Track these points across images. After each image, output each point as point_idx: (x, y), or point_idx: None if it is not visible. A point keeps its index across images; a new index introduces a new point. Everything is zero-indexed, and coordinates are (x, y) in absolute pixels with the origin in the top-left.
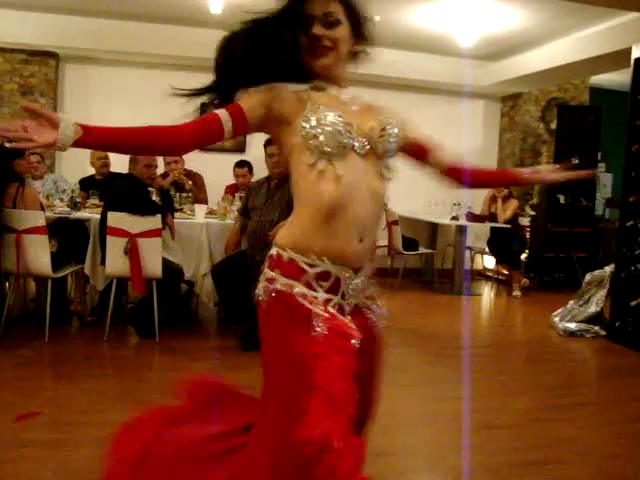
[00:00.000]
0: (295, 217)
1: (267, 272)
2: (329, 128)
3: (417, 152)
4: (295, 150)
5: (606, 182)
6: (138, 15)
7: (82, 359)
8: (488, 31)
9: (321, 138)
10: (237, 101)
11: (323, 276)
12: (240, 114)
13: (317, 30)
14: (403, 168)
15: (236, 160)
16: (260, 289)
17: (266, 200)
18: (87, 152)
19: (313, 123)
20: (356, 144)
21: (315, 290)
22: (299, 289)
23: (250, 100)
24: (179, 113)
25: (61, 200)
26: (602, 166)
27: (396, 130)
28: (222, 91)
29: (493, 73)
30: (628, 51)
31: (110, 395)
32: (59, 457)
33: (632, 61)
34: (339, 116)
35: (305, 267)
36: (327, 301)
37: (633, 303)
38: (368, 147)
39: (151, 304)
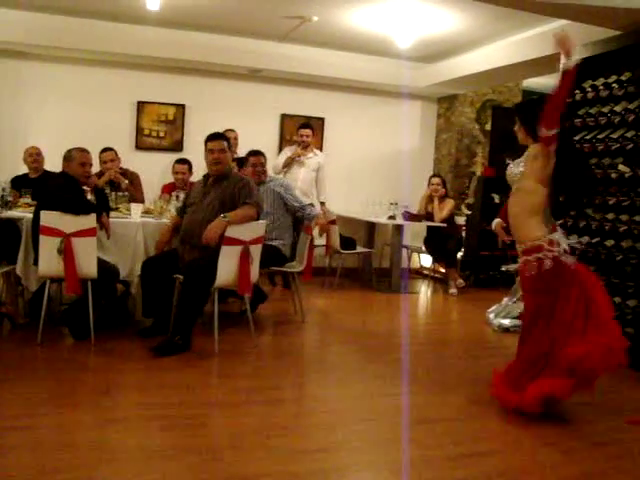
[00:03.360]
0: None
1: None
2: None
3: None
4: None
5: None
6: (73, 10)
7: (14, 362)
8: (425, 33)
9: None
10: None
11: None
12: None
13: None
14: (340, 167)
15: (173, 159)
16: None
17: (200, 198)
18: (19, 150)
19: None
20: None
21: None
22: None
23: None
24: (112, 111)
25: None
26: None
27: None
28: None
29: (430, 75)
30: (557, 56)
31: (44, 398)
32: None
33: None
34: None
35: None
36: None
37: None
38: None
39: (86, 305)
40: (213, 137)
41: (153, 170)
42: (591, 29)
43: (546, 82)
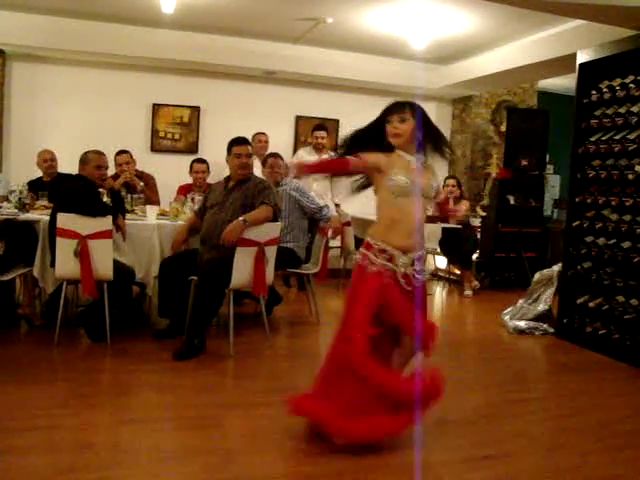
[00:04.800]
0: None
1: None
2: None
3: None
4: (382, 189)
5: (554, 183)
6: (88, 13)
7: (31, 363)
8: (440, 34)
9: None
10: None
11: (382, 252)
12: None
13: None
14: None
15: (188, 161)
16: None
17: (221, 200)
18: (35, 153)
19: (394, 178)
20: (415, 191)
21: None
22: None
23: (370, 157)
24: (128, 114)
25: (8, 201)
26: (550, 168)
27: (435, 186)
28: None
29: (444, 76)
30: (573, 56)
31: (60, 399)
32: (5, 464)
33: (577, 66)
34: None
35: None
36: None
37: (580, 301)
38: (419, 192)
39: (102, 306)
40: (239, 142)
41: (168, 172)
42: (607, 29)
43: (561, 83)
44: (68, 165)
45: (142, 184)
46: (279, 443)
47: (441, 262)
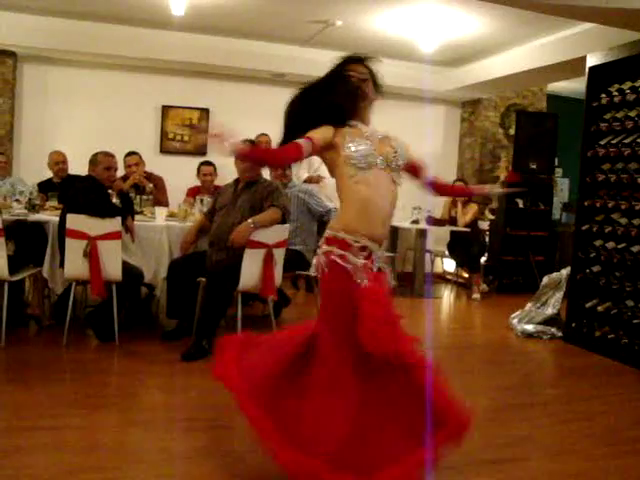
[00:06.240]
0: (342, 210)
1: (324, 247)
2: (362, 151)
3: (412, 169)
4: (339, 165)
5: (563, 187)
6: (99, 16)
7: (40, 363)
8: (449, 37)
9: (357, 158)
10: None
11: (363, 249)
12: (314, 143)
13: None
14: None
15: (197, 162)
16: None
17: (231, 202)
18: (45, 154)
19: (353, 149)
20: (378, 162)
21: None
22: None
23: (317, 134)
24: (137, 115)
25: (19, 202)
26: (559, 171)
27: (403, 153)
28: (291, 136)
29: (454, 79)
30: (583, 60)
31: (69, 399)
32: (13, 463)
33: (587, 69)
34: (369, 144)
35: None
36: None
37: (588, 305)
38: (385, 164)
39: (111, 307)
40: None
41: (177, 174)
42: (617, 32)
43: (571, 86)
44: (78, 166)
45: (151, 185)
46: None
47: (449, 265)
